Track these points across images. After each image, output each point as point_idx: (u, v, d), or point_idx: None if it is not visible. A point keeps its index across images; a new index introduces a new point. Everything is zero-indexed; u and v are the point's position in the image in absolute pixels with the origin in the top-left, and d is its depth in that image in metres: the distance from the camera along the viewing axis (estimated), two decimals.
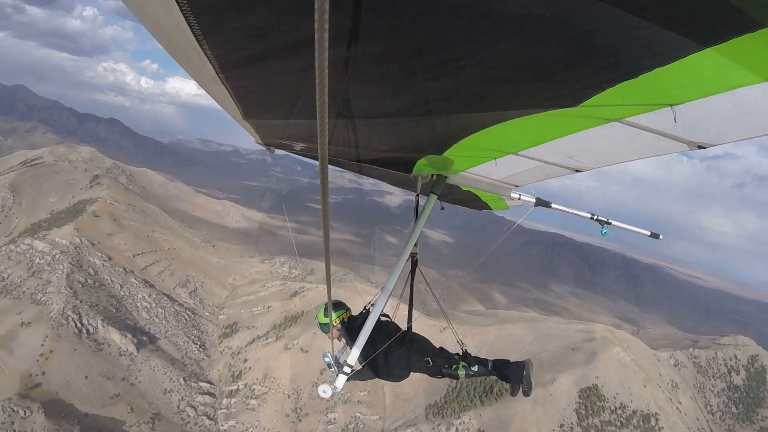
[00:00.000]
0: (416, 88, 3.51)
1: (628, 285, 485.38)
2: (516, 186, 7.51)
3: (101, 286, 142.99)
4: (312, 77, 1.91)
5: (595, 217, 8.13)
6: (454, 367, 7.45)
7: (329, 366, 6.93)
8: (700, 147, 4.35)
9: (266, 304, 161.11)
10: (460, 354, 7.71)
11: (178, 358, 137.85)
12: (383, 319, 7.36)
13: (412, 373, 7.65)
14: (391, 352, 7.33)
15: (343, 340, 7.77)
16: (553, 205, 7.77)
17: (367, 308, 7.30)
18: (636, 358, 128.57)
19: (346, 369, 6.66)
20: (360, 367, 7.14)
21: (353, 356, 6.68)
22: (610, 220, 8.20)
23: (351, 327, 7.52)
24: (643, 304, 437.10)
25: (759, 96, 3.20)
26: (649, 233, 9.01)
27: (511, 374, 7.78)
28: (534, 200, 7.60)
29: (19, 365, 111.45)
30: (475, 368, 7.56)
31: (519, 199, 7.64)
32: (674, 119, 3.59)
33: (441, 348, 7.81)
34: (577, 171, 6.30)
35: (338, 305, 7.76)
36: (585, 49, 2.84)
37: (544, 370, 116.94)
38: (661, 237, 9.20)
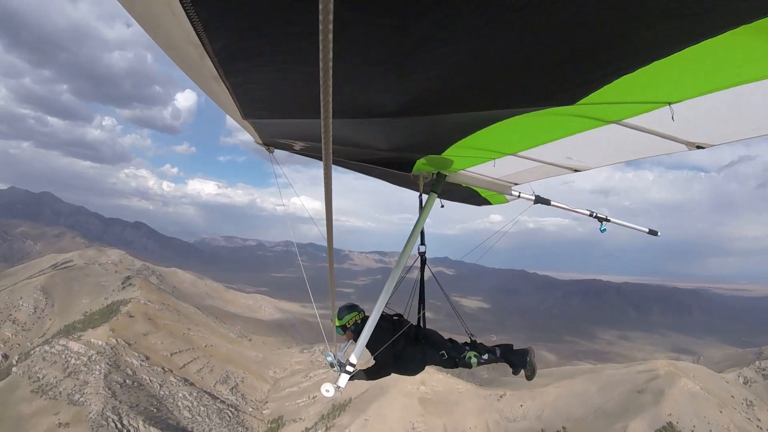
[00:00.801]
0: (414, 87, 3.51)
1: (676, 315, 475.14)
2: (515, 184, 7.76)
3: (140, 387, 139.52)
4: (314, 74, 1.90)
5: (594, 214, 8.40)
6: (467, 356, 7.70)
7: (332, 365, 6.87)
8: (699, 147, 4.60)
9: (311, 394, 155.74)
10: (469, 343, 7.97)
11: None
12: (395, 318, 7.65)
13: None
14: (407, 348, 7.56)
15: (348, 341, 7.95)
16: (552, 203, 7.99)
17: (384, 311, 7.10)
18: (705, 385, 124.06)
19: (349, 368, 6.68)
20: (360, 367, 7.10)
21: (356, 355, 6.73)
22: (608, 217, 8.41)
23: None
24: (695, 330, 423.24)
25: (757, 94, 3.33)
26: (647, 230, 9.17)
27: (516, 360, 8.12)
28: (533, 198, 7.80)
29: None
30: (486, 356, 7.89)
31: (519, 196, 7.91)
32: (672, 118, 3.69)
33: (451, 339, 8.02)
34: (576, 171, 6.53)
35: (352, 308, 7.88)
36: (580, 43, 2.80)
37: (612, 420, 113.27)
38: (659, 234, 9.33)
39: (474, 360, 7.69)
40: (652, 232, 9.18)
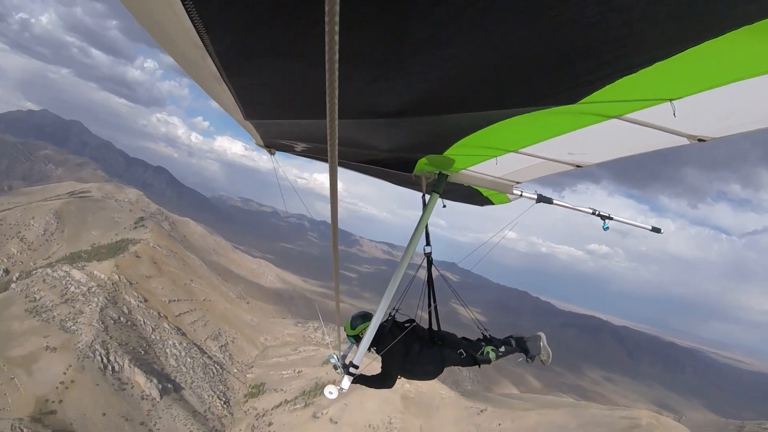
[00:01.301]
0: (416, 88, 3.55)
1: (666, 369, 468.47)
2: (517, 183, 7.64)
3: (133, 326, 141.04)
4: (316, 76, 1.86)
5: (597, 212, 8.30)
6: (485, 351, 7.75)
7: (335, 367, 7.06)
8: (700, 140, 4.57)
9: (297, 368, 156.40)
10: (483, 338, 8.05)
11: (200, 411, 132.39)
12: (407, 324, 7.58)
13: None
14: (423, 351, 7.56)
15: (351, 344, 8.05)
16: (555, 201, 7.98)
17: (391, 314, 7.58)
18: None
19: (352, 370, 6.78)
20: (360, 369, 7.12)
21: (358, 357, 6.88)
22: (611, 215, 8.34)
23: (378, 337, 7.31)
24: (681, 389, 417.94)
25: (758, 88, 3.34)
26: (650, 228, 9.11)
27: (531, 347, 8.17)
28: (536, 196, 7.79)
29: (36, 388, 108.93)
30: (503, 348, 7.93)
31: (521, 195, 7.83)
32: (674, 114, 3.71)
33: (464, 338, 8.05)
34: (578, 167, 6.44)
35: (365, 317, 7.68)
36: (583, 45, 2.82)
37: None
38: (662, 231, 9.25)
39: (492, 354, 7.78)
40: (655, 230, 9.11)
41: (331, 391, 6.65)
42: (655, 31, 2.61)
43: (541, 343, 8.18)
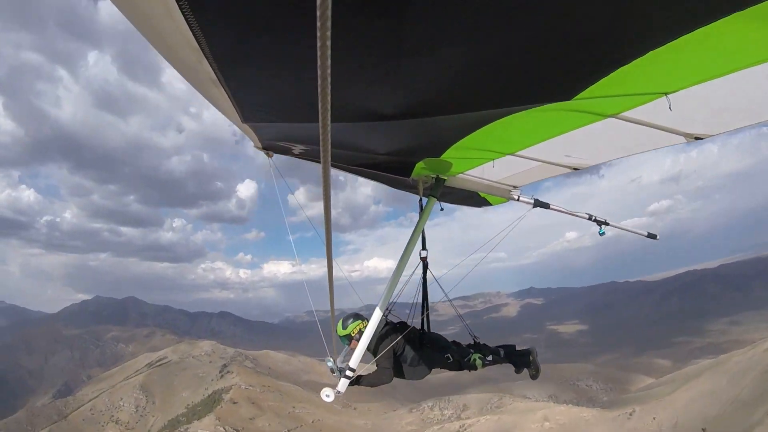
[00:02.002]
0: (412, 89, 3.55)
1: None
2: (515, 187, 7.80)
3: None
4: (312, 79, 1.92)
5: (593, 217, 8.33)
6: (472, 359, 7.84)
7: (332, 371, 7.16)
8: (697, 138, 4.68)
9: None
10: (473, 344, 8.13)
11: None
12: (398, 325, 7.78)
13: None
14: (412, 353, 7.68)
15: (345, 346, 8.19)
16: (551, 206, 7.96)
17: (385, 315, 7.49)
18: None
19: (349, 373, 6.87)
20: (358, 372, 7.29)
21: (355, 360, 6.95)
22: (607, 221, 8.36)
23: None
24: None
25: (751, 82, 3.44)
26: (646, 233, 9.17)
27: (519, 360, 8.33)
28: (532, 201, 7.83)
29: None
30: (490, 357, 8.00)
31: (518, 200, 7.89)
32: (669, 107, 3.73)
33: (455, 341, 8.18)
34: (575, 169, 6.55)
35: (357, 316, 7.96)
36: (575, 37, 2.83)
37: (751, 408, 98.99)
38: (657, 237, 9.23)
39: (479, 362, 7.81)
40: (651, 236, 9.17)
41: (327, 395, 6.69)
42: (646, 19, 2.62)
43: (531, 357, 8.33)
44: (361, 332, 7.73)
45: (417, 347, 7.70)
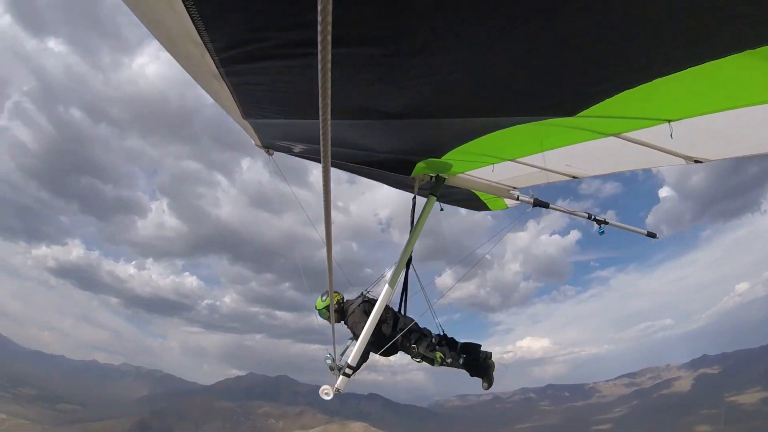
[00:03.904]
0: (417, 91, 3.52)
1: None
2: (514, 187, 7.71)
3: None
4: (314, 76, 1.91)
5: (593, 217, 8.21)
6: (436, 357, 7.89)
7: (331, 369, 7.36)
8: (697, 161, 4.72)
9: None
10: (441, 340, 8.23)
11: None
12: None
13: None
14: (385, 334, 7.81)
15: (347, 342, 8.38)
16: (551, 206, 7.86)
17: (363, 293, 8.21)
18: None
19: (348, 370, 7.07)
20: (359, 368, 7.56)
21: (354, 357, 7.06)
22: (606, 220, 8.23)
23: (346, 309, 8.18)
24: None
25: (756, 117, 3.43)
26: (645, 232, 8.94)
27: (476, 371, 8.27)
28: (532, 201, 7.74)
29: None
30: (449, 360, 8.00)
31: (517, 199, 7.83)
32: (671, 135, 3.75)
33: (425, 332, 8.19)
34: (574, 177, 6.52)
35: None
36: (585, 58, 2.84)
37: None
38: (657, 237, 8.91)
39: (439, 359, 7.90)
40: (651, 235, 8.90)
41: (327, 392, 6.96)
42: (657, 48, 2.60)
43: (489, 370, 8.24)
44: (339, 303, 8.25)
45: (391, 328, 7.85)
